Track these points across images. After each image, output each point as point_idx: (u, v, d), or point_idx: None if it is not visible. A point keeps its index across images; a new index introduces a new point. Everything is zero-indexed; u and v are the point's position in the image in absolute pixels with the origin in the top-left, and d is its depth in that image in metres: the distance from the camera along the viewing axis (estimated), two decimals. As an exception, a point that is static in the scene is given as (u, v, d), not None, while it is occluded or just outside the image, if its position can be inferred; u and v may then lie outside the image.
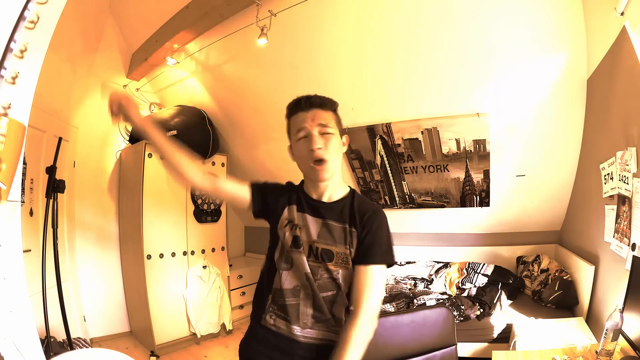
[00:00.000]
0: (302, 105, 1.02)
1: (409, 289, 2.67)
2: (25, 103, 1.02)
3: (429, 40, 2.18)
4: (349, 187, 1.11)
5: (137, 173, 3.00)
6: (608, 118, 1.81)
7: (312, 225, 1.03)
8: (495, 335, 2.19)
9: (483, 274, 2.65)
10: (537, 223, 2.82)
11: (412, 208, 3.10)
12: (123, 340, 3.20)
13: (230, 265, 3.64)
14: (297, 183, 1.16)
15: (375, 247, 1.00)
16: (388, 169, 2.96)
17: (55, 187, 2.09)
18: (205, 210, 3.33)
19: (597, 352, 1.27)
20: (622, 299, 1.35)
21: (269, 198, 1.09)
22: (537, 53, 2.04)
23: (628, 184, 1.44)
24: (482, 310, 2.31)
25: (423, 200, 3.01)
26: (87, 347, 2.47)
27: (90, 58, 3.20)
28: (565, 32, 1.92)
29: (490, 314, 2.30)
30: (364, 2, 2.18)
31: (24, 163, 1.61)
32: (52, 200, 2.08)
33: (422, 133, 2.61)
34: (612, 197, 1.65)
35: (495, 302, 2.37)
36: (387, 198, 3.12)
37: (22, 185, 1.19)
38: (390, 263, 1.02)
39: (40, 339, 1.18)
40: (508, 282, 2.56)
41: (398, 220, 3.29)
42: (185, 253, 3.17)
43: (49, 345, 1.95)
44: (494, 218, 2.90)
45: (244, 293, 3.69)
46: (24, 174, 2.09)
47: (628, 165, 1.44)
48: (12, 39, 0.93)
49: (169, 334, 3.00)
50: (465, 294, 2.58)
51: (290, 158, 1.10)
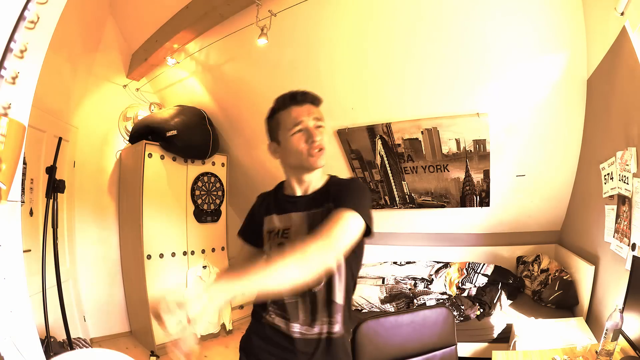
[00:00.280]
0: (297, 99, 1.02)
1: (409, 289, 2.67)
2: (25, 103, 1.02)
3: (429, 40, 2.18)
4: (329, 175, 1.11)
5: (137, 173, 3.00)
6: (608, 118, 1.81)
7: (297, 222, 1.04)
8: (495, 335, 2.19)
9: (483, 274, 2.65)
10: (537, 223, 2.82)
11: (412, 208, 3.10)
12: (123, 340, 3.20)
13: (230, 265, 3.64)
14: None
15: (345, 196, 0.97)
16: (388, 169, 2.95)
17: (55, 187, 2.09)
18: (205, 210, 3.33)
19: (597, 352, 1.27)
20: (622, 299, 1.35)
21: (256, 231, 1.13)
22: (537, 53, 2.04)
23: (628, 184, 1.44)
24: (482, 310, 2.31)
25: (423, 200, 3.02)
26: (87, 347, 2.47)
27: (90, 58, 3.20)
28: (565, 32, 1.92)
29: (490, 314, 2.30)
30: (364, 2, 2.18)
31: (24, 163, 1.61)
32: (52, 200, 2.08)
33: (422, 133, 2.61)
34: (612, 197, 1.65)
35: (495, 302, 2.37)
36: (387, 198, 3.12)
37: (22, 185, 1.19)
38: (363, 215, 0.92)
39: (40, 339, 1.18)
40: (508, 282, 2.56)
41: (398, 220, 3.29)
42: (185, 253, 3.17)
43: (49, 345, 1.95)
44: (494, 218, 2.90)
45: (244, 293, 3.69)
46: (24, 174, 2.09)
47: (628, 165, 1.44)
48: (12, 39, 0.93)
49: (169, 334, 3.00)
50: (465, 294, 2.58)
51: (274, 156, 1.09)
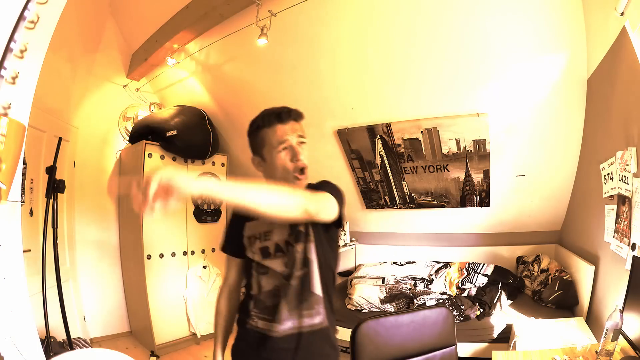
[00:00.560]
0: (282, 118, 1.08)
1: (409, 289, 2.67)
2: (25, 103, 1.02)
3: (429, 40, 2.18)
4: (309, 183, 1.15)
5: (137, 173, 3.00)
6: (608, 118, 1.81)
7: (275, 225, 1.09)
8: (495, 335, 2.18)
9: (483, 274, 2.65)
10: (537, 223, 2.82)
11: (412, 208, 3.10)
12: (123, 340, 3.20)
13: (230, 265, 3.64)
14: None
15: (323, 188, 1.04)
16: (388, 169, 2.95)
17: (55, 187, 2.09)
18: (205, 210, 3.33)
19: (597, 352, 1.27)
20: (622, 299, 1.35)
21: (238, 241, 1.16)
22: (537, 53, 2.04)
23: (628, 184, 1.44)
24: (482, 310, 2.31)
25: (423, 200, 3.02)
26: (87, 347, 2.47)
27: (90, 58, 3.20)
28: (565, 32, 1.92)
29: (490, 314, 2.30)
30: (364, 2, 2.18)
31: (24, 163, 1.61)
32: (52, 200, 2.08)
33: (422, 133, 2.61)
34: (612, 197, 1.65)
35: (495, 302, 2.37)
36: (387, 198, 3.12)
37: (22, 185, 1.18)
38: (338, 200, 1.00)
39: (40, 339, 1.18)
40: (508, 282, 2.56)
41: (398, 220, 3.29)
42: (185, 253, 3.17)
43: (49, 345, 1.95)
44: (494, 218, 2.90)
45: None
46: (24, 174, 2.09)
47: (628, 165, 1.44)
48: (12, 39, 0.93)
49: (169, 334, 3.00)
50: (465, 294, 2.58)
51: (258, 169, 1.13)
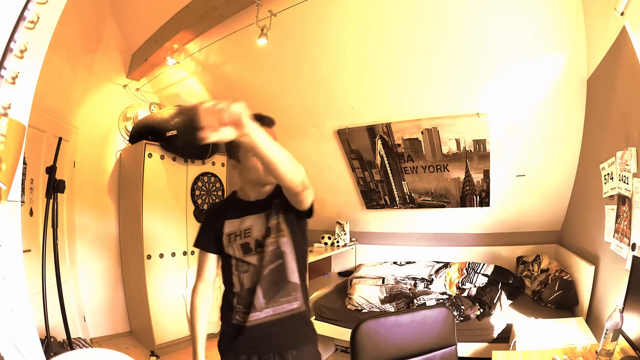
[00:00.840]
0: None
1: (409, 289, 2.67)
2: (25, 103, 1.02)
3: (429, 40, 2.18)
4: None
5: (137, 173, 3.00)
6: (608, 118, 1.81)
7: (254, 222, 1.19)
8: (495, 335, 2.18)
9: (483, 274, 2.65)
10: (537, 223, 2.82)
11: (412, 208, 3.10)
12: (123, 340, 3.20)
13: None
14: None
15: None
16: (388, 169, 2.95)
17: (55, 187, 2.09)
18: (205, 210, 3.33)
19: (597, 352, 1.27)
20: (622, 299, 1.34)
21: (216, 238, 1.22)
22: (537, 53, 2.04)
23: (628, 184, 1.44)
24: (482, 310, 2.31)
25: (423, 200, 3.02)
26: (87, 347, 2.47)
27: (91, 58, 3.20)
28: (565, 32, 1.92)
29: (490, 314, 2.30)
30: (364, 2, 2.18)
31: (24, 163, 1.61)
32: (52, 200, 2.08)
33: (422, 133, 2.61)
34: (612, 197, 1.65)
35: (495, 302, 2.37)
36: (387, 198, 3.12)
37: (22, 185, 1.18)
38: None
39: (40, 339, 1.18)
40: (508, 282, 2.56)
41: (398, 220, 3.29)
42: (185, 253, 3.17)
43: (49, 345, 1.95)
44: (494, 218, 2.90)
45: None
46: (24, 174, 2.09)
47: (628, 165, 1.44)
48: (12, 39, 0.93)
49: (169, 334, 3.00)
50: (465, 294, 2.58)
51: (232, 169, 1.24)
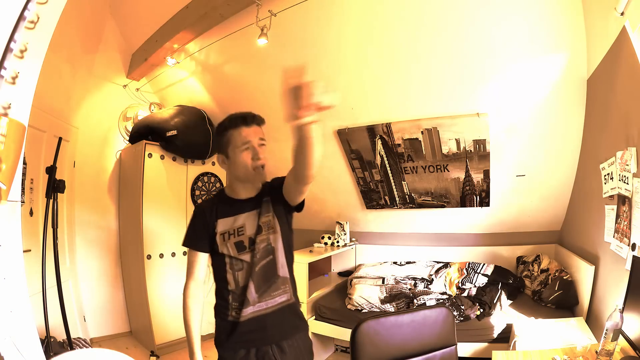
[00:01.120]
0: (247, 121, 1.20)
1: (409, 289, 2.67)
2: (25, 103, 1.02)
3: (429, 40, 2.18)
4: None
5: (137, 173, 3.00)
6: (608, 118, 1.81)
7: (247, 221, 1.22)
8: (495, 335, 2.18)
9: (483, 274, 2.65)
10: (537, 223, 2.82)
11: (412, 208, 3.10)
12: (123, 340, 3.20)
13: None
14: None
15: (280, 179, 1.25)
16: (388, 169, 2.95)
17: (55, 187, 2.09)
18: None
19: (597, 352, 1.27)
20: (622, 299, 1.34)
21: (208, 237, 1.23)
22: (537, 53, 2.04)
23: (628, 184, 1.44)
24: (482, 310, 2.31)
25: (423, 200, 3.02)
26: (87, 347, 2.47)
27: (91, 58, 3.20)
28: (565, 32, 1.92)
29: (490, 314, 2.30)
30: (364, 2, 2.18)
31: (24, 163, 1.61)
32: (52, 200, 2.08)
33: (422, 133, 2.61)
34: (612, 197, 1.65)
35: (495, 302, 2.37)
36: (387, 198, 3.12)
37: (22, 185, 1.18)
38: None
39: (40, 339, 1.18)
40: (508, 282, 2.56)
41: (398, 220, 3.29)
42: (186, 253, 3.16)
43: (49, 345, 1.95)
44: (494, 218, 2.90)
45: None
46: (24, 174, 2.09)
47: (628, 165, 1.44)
48: (12, 39, 0.93)
49: (169, 334, 3.00)
50: (465, 294, 2.58)
51: (222, 166, 1.27)
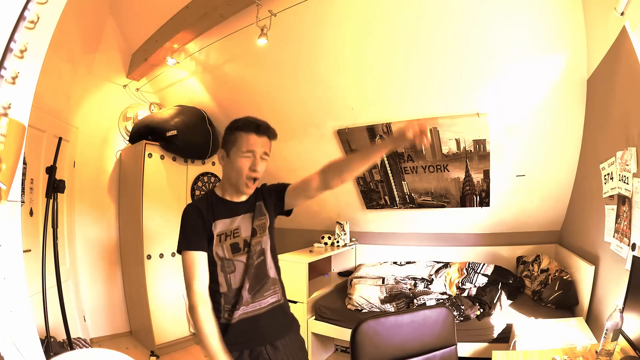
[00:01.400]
0: (260, 130, 1.19)
1: (409, 289, 2.67)
2: (25, 103, 1.02)
3: (429, 40, 2.18)
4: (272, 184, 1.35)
5: (137, 173, 3.00)
6: (608, 118, 1.81)
7: (242, 223, 1.22)
8: (495, 335, 2.18)
9: (483, 274, 2.65)
10: (537, 223, 2.82)
11: (412, 208, 3.10)
12: (123, 340, 3.20)
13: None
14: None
15: (277, 186, 1.30)
16: (388, 169, 2.95)
17: (55, 187, 2.09)
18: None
19: (597, 352, 1.27)
20: (622, 299, 1.35)
21: (207, 237, 1.18)
22: (537, 53, 2.04)
23: (628, 184, 1.44)
24: (482, 310, 2.31)
25: (423, 200, 3.02)
26: (87, 347, 2.47)
27: (91, 58, 3.20)
28: (565, 32, 1.92)
29: (490, 314, 2.30)
30: (365, 2, 2.18)
31: (24, 163, 1.61)
32: (52, 200, 2.08)
33: (422, 133, 2.61)
34: (612, 197, 1.65)
35: (495, 302, 2.37)
36: (387, 198, 3.12)
37: (22, 185, 1.18)
38: None
39: (40, 339, 1.17)
40: (508, 282, 2.56)
41: (398, 220, 3.29)
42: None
43: (49, 345, 1.95)
44: (494, 218, 2.90)
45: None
46: (24, 174, 2.09)
47: (628, 165, 1.44)
48: (12, 39, 0.93)
49: (169, 334, 3.00)
50: (465, 294, 2.58)
51: (220, 162, 1.25)
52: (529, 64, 2.09)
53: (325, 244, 3.33)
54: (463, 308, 2.33)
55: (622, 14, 1.42)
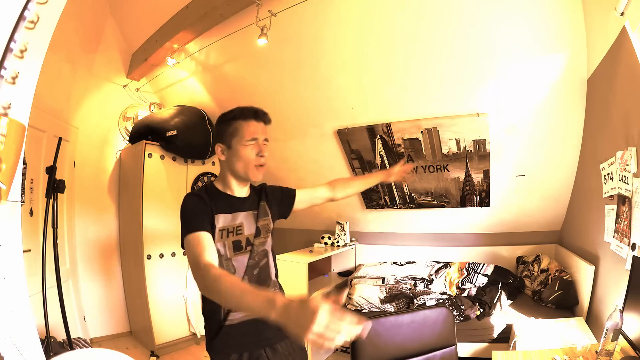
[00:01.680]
0: (258, 116, 1.21)
1: (409, 289, 2.67)
2: (25, 103, 1.02)
3: (430, 40, 2.18)
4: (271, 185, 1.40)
5: (137, 173, 3.00)
6: (608, 118, 1.81)
7: (245, 220, 1.20)
8: (495, 335, 2.19)
9: (483, 274, 2.65)
10: (537, 223, 2.82)
11: (412, 208, 3.10)
12: (123, 340, 3.20)
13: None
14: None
15: (282, 189, 1.37)
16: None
17: (55, 187, 2.09)
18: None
19: (597, 352, 1.27)
20: (622, 299, 1.35)
21: (209, 222, 1.12)
22: (537, 53, 2.04)
23: (628, 184, 1.44)
24: (482, 310, 2.31)
25: (423, 200, 3.02)
26: (87, 347, 2.47)
27: (90, 58, 3.20)
28: (565, 32, 1.92)
29: (490, 314, 2.30)
30: (364, 2, 2.18)
31: (24, 163, 1.61)
32: (52, 200, 2.08)
33: (422, 133, 2.61)
34: (612, 197, 1.65)
35: (495, 302, 2.37)
36: (387, 198, 3.12)
37: (22, 185, 1.18)
38: None
39: (40, 339, 1.18)
40: (508, 282, 2.56)
41: (398, 220, 3.29)
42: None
43: (49, 345, 1.95)
44: (494, 218, 2.90)
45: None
46: (24, 174, 2.09)
47: (628, 165, 1.44)
48: (12, 39, 0.93)
49: (169, 334, 3.00)
50: (465, 294, 2.58)
51: (220, 156, 1.22)
52: (529, 64, 2.09)
53: (325, 244, 3.33)
54: (463, 308, 2.33)
55: (622, 14, 1.42)
